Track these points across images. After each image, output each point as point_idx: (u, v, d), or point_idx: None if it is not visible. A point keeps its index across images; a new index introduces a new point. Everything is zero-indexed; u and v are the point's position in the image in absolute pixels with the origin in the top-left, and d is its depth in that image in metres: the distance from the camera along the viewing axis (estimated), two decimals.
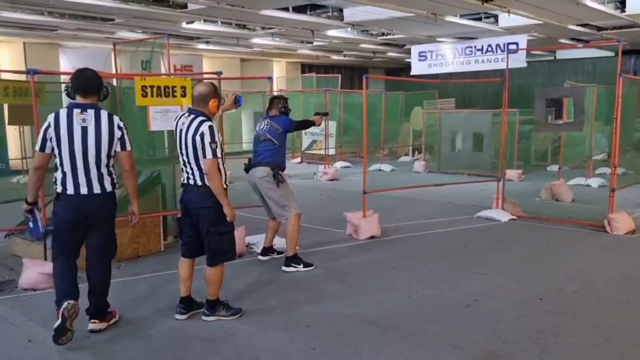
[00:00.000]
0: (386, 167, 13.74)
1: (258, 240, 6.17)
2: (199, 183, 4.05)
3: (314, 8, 10.36)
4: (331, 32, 12.62)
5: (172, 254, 6.05)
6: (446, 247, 6.56)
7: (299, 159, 15.35)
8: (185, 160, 4.06)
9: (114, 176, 4.00)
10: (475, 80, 10.68)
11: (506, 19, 11.09)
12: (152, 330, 4.14)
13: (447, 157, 13.20)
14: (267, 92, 7.52)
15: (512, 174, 11.41)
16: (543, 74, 19.82)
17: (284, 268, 5.60)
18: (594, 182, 10.77)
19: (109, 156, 3.92)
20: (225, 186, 4.09)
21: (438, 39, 13.81)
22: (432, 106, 16.07)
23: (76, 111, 3.82)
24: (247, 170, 5.71)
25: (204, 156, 3.96)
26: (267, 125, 5.68)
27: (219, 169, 4.02)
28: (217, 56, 17.52)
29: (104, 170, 3.91)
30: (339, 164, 14.00)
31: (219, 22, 11.54)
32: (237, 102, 4.61)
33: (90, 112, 3.84)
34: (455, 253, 6.29)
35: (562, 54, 20.05)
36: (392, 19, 10.55)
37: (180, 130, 4.06)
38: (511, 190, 9.00)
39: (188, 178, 4.10)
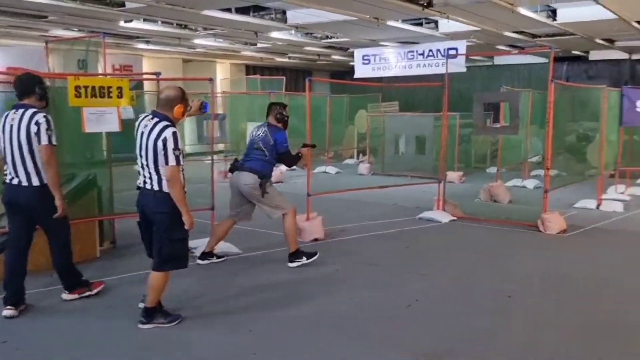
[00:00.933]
0: (331, 170, 13.80)
1: (199, 245, 6.03)
2: (156, 188, 3.97)
3: (257, 9, 10.27)
4: (275, 34, 12.57)
5: (109, 260, 5.85)
6: (389, 249, 6.64)
7: None
8: (144, 163, 3.98)
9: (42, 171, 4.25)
10: (416, 84, 10.89)
11: (446, 25, 11.38)
12: None
13: (390, 160, 13.41)
14: (209, 93, 7.38)
15: (453, 175, 11.70)
16: (482, 79, 20.44)
17: (289, 264, 5.70)
18: (530, 184, 11.19)
19: (30, 152, 4.18)
20: (184, 192, 4.04)
21: (381, 43, 14.01)
22: (376, 109, 16.28)
23: (11, 112, 4.26)
24: (232, 170, 5.72)
25: (166, 163, 3.87)
26: (263, 133, 5.67)
27: (181, 177, 3.96)
28: (158, 56, 17.09)
29: (29, 164, 4.20)
30: (284, 167, 13.93)
31: (159, 22, 11.25)
32: (202, 108, 4.55)
33: (19, 112, 4.21)
34: (397, 254, 6.37)
35: (499, 60, 20.78)
36: (336, 22, 10.61)
37: (142, 133, 3.98)
38: (452, 192, 9.22)
39: (145, 182, 4.02)
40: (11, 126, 4.20)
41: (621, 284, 5.33)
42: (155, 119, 3.96)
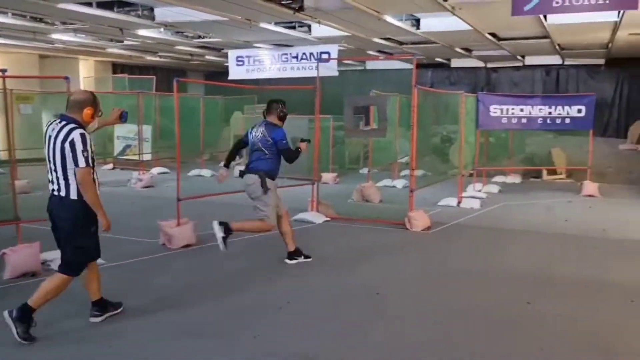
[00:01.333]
0: (206, 173, 13.46)
1: (55, 257, 5.52)
2: (62, 194, 3.89)
3: (122, 5, 9.69)
4: (142, 32, 11.97)
5: None
6: (262, 251, 6.58)
7: (111, 165, 14.33)
8: (52, 168, 3.89)
9: None
10: (287, 87, 10.94)
11: (318, 29, 11.59)
12: None
13: None
14: (65, 92, 6.81)
15: (327, 177, 11.94)
16: (354, 83, 21.12)
17: (287, 261, 5.98)
18: (399, 184, 11.74)
19: None
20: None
21: (255, 45, 13.94)
22: (252, 111, 16.18)
23: None
24: (241, 175, 5.97)
25: (76, 165, 3.80)
26: (261, 134, 5.78)
27: (93, 179, 3.89)
28: (10, 51, 15.54)
29: None
30: (155, 170, 13.35)
31: (9, 14, 10.20)
32: (122, 117, 4.48)
33: None
34: (270, 256, 6.33)
35: (371, 65, 21.67)
36: (207, 22, 10.36)
37: (50, 137, 3.88)
38: (327, 193, 9.39)
39: (53, 189, 3.95)
40: (49, 137, 3.94)
41: (475, 274, 5.74)
42: (63, 122, 3.88)
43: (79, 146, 3.77)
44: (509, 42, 13.86)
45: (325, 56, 11.86)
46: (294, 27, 11.82)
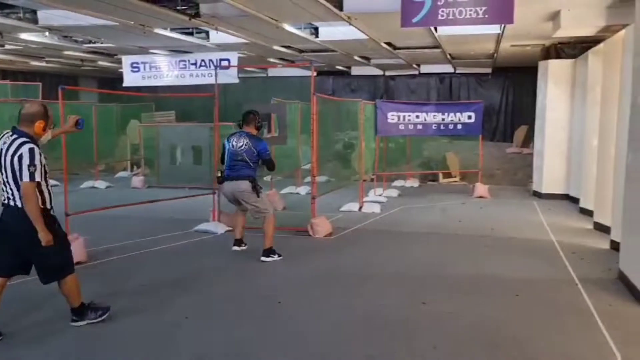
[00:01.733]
0: (101, 184, 12.80)
1: None
2: (19, 205, 4.00)
3: (1, 7, 8.96)
4: (25, 36, 11.15)
5: None
6: (158, 266, 6.34)
7: None
8: (5, 180, 4.03)
9: None
10: (186, 94, 10.68)
11: (217, 36, 11.40)
12: None
13: (167, 171, 12.96)
14: None
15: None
16: (257, 90, 21.07)
17: (262, 258, 6.45)
18: (303, 190, 11.81)
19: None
20: (49, 207, 4.09)
21: (151, 51, 13.46)
22: (150, 119, 15.62)
23: None
24: (221, 182, 6.62)
25: (20, 179, 3.92)
26: (246, 145, 6.45)
27: (37, 192, 3.97)
28: None
29: None
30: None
31: None
32: (78, 124, 4.64)
33: None
34: (166, 271, 6.11)
35: (273, 72, 21.69)
36: (96, 27, 9.83)
37: (1, 150, 4.01)
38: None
39: (8, 198, 4.05)
40: (0, 150, 4.07)
41: (374, 277, 5.88)
42: (15, 136, 4.01)
43: (25, 161, 3.90)
44: (404, 51, 14.42)
45: (225, 63, 11.70)
46: (191, 34, 11.54)
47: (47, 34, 10.99)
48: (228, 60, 11.79)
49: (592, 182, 8.89)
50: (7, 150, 3.96)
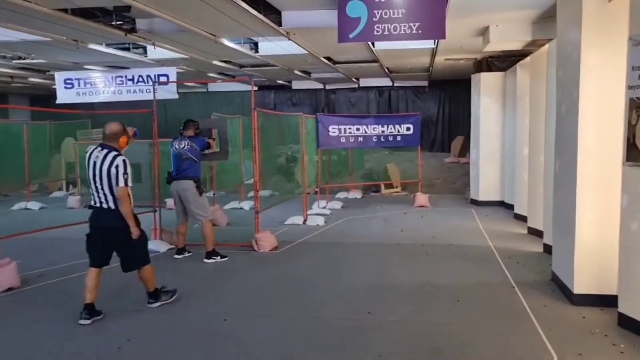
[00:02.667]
0: (34, 205, 12.24)
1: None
2: (112, 207, 4.86)
3: None
4: None
5: None
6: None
7: None
8: (99, 187, 4.85)
9: None
10: (124, 111, 10.43)
11: (155, 52, 11.23)
12: None
13: None
14: None
15: (171, 202, 11.48)
16: (198, 105, 20.84)
17: (205, 260, 7.06)
18: (246, 205, 11.73)
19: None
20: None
21: (86, 67, 13.09)
22: (86, 136, 15.12)
23: None
24: (169, 182, 7.21)
25: (117, 184, 4.79)
26: (187, 145, 7.09)
27: (129, 195, 4.83)
28: None
29: None
30: None
31: None
32: (135, 135, 5.38)
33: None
34: (104, 292, 5.89)
35: (214, 87, 21.51)
36: (26, 42, 9.48)
37: (94, 162, 4.86)
38: (170, 219, 9.01)
39: (101, 202, 4.88)
40: (94, 162, 4.93)
41: (320, 289, 5.91)
42: (105, 150, 4.89)
43: (120, 170, 4.80)
44: (343, 65, 14.68)
45: (163, 79, 11.49)
46: (128, 49, 11.31)
47: None
48: (167, 75, 11.58)
49: (525, 189, 9.32)
50: (103, 162, 4.82)
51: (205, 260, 7.11)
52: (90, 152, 4.97)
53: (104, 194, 4.84)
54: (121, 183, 4.79)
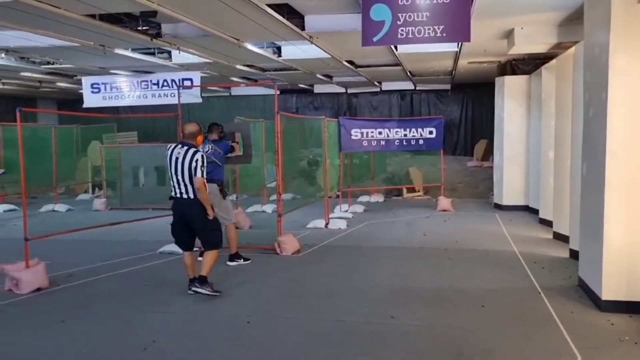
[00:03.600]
0: (61, 208, 12.47)
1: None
2: (192, 197, 5.62)
3: None
4: None
5: None
6: (124, 289, 6.21)
7: None
8: (180, 179, 5.59)
9: None
10: (149, 115, 10.62)
11: (179, 56, 11.38)
12: None
13: (130, 193, 12.74)
14: None
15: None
16: (221, 109, 21.05)
17: (228, 263, 7.22)
18: (269, 208, 11.77)
19: None
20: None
21: (112, 71, 13.31)
22: (112, 140, 15.38)
23: None
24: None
25: (195, 175, 5.54)
26: (211, 148, 7.11)
27: (204, 184, 5.58)
28: None
29: None
30: (0, 208, 12.13)
31: None
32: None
33: None
34: (133, 293, 5.99)
35: (237, 91, 21.70)
36: (55, 48, 9.69)
37: (177, 158, 5.60)
38: None
39: (181, 193, 5.63)
40: (177, 158, 5.69)
41: (343, 292, 5.90)
42: (186, 147, 5.65)
43: (199, 163, 5.55)
44: (365, 69, 14.67)
45: (187, 83, 11.68)
46: (153, 54, 11.48)
47: (3, 55, 10.77)
48: (191, 79, 11.78)
49: (550, 193, 9.18)
50: (184, 157, 5.55)
51: (229, 263, 7.17)
52: (171, 150, 5.69)
53: (185, 185, 5.58)
54: (199, 174, 5.54)
